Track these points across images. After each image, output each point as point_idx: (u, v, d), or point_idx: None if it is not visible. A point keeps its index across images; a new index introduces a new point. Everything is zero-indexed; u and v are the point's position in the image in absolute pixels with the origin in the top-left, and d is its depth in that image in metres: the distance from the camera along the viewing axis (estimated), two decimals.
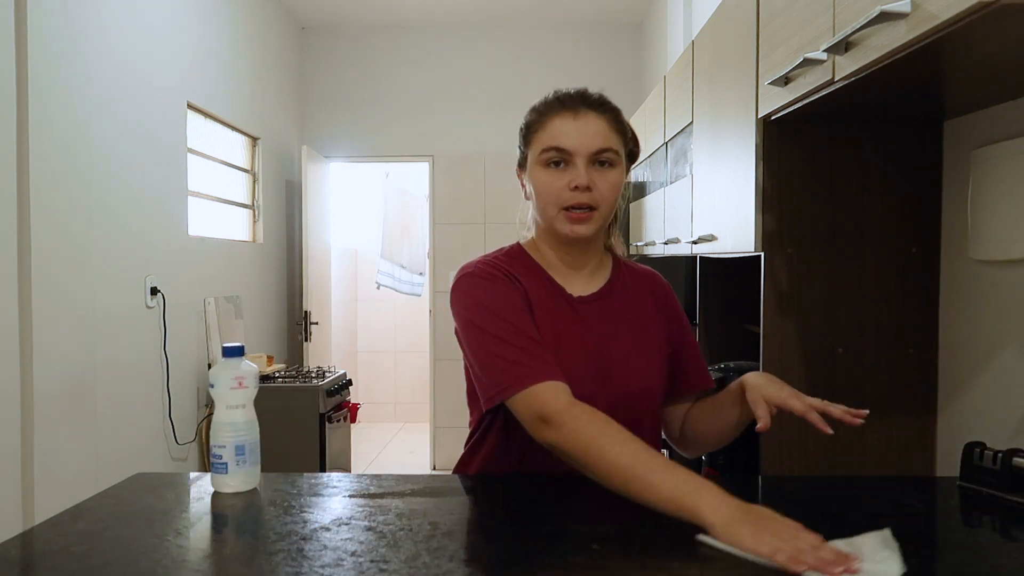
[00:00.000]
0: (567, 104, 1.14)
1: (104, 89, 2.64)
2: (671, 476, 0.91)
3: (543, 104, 1.18)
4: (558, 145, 1.13)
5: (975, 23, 0.82)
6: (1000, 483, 1.05)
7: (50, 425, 2.30)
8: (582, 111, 1.13)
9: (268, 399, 3.43)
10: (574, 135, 1.12)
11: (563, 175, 1.13)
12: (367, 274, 6.32)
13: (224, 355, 1.09)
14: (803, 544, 0.78)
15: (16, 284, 2.19)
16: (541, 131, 1.15)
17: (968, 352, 1.46)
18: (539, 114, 1.17)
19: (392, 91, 4.94)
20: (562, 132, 1.13)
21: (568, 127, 1.13)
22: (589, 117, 1.13)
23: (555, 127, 1.14)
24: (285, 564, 0.81)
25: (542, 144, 1.14)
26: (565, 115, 1.14)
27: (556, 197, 1.13)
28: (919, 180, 1.54)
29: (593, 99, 1.16)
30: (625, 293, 1.24)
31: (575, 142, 1.12)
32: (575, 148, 1.12)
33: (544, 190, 1.15)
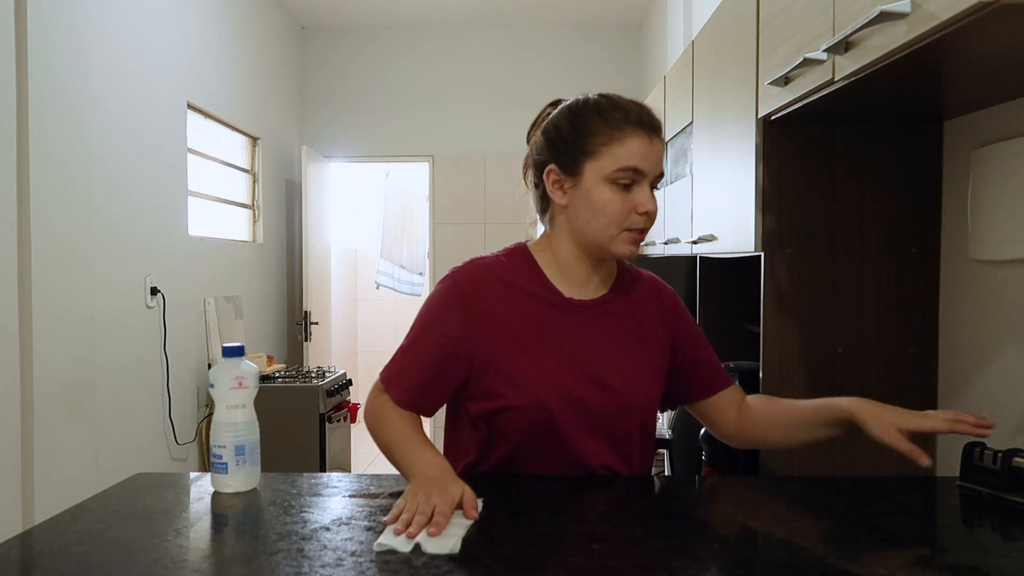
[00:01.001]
0: (645, 124, 1.11)
1: (104, 89, 2.64)
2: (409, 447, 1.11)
3: (612, 114, 1.11)
4: (637, 167, 1.09)
5: (975, 23, 0.82)
6: (1000, 483, 1.05)
7: (50, 425, 2.30)
8: (653, 136, 1.11)
9: (268, 399, 3.43)
10: (650, 159, 1.10)
11: (629, 196, 1.10)
12: (367, 274, 6.32)
13: (224, 355, 1.09)
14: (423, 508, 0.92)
15: (16, 284, 2.19)
16: (616, 146, 1.09)
17: (968, 352, 1.46)
18: (609, 125, 1.10)
19: (392, 91, 4.94)
20: (641, 154, 1.09)
21: (646, 149, 1.10)
22: (657, 142, 1.12)
23: (634, 147, 1.09)
24: (285, 564, 0.81)
25: (618, 161, 1.09)
26: (642, 136, 1.10)
27: (623, 219, 1.10)
28: (919, 180, 1.54)
29: (659, 124, 1.14)
30: (627, 299, 1.23)
31: (650, 166, 1.10)
32: (649, 172, 1.10)
33: (611, 209, 1.10)
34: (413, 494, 0.96)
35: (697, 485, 1.21)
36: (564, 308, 1.17)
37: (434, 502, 0.93)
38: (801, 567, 0.81)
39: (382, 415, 1.17)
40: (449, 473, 1.04)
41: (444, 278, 1.20)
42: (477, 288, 1.16)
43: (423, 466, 1.05)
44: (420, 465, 1.06)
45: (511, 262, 1.20)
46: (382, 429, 1.16)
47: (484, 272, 1.18)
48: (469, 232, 4.92)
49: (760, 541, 0.93)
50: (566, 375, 1.12)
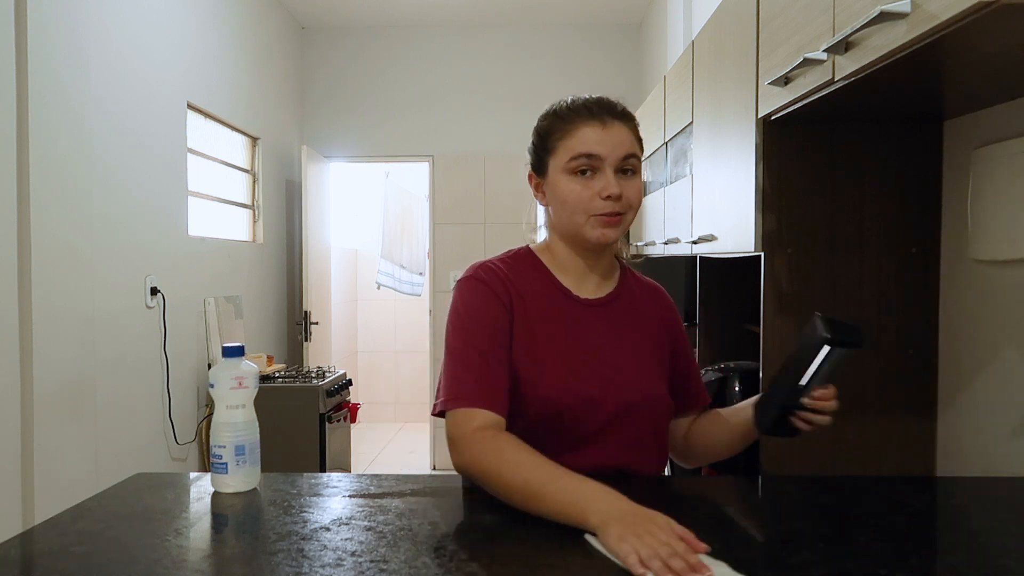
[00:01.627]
0: (595, 112, 1.14)
1: (104, 89, 2.64)
2: (560, 485, 0.93)
3: (565, 111, 1.17)
4: (588, 152, 1.12)
5: (975, 23, 0.82)
6: None
7: (50, 425, 2.30)
8: (608, 120, 1.14)
9: (268, 399, 3.43)
10: (604, 143, 1.12)
11: (591, 183, 1.13)
12: (367, 274, 6.32)
13: (224, 355, 1.09)
14: (662, 550, 0.79)
15: (16, 284, 2.19)
16: (567, 138, 1.14)
17: (968, 352, 1.46)
18: (562, 120, 1.16)
19: (392, 91, 4.94)
20: (591, 139, 1.12)
21: (597, 135, 1.13)
22: (616, 126, 1.14)
23: (584, 135, 1.13)
24: (285, 564, 0.81)
25: (570, 151, 1.13)
26: (593, 123, 1.13)
27: (586, 205, 1.13)
28: (919, 180, 1.54)
29: (617, 108, 1.16)
30: (632, 301, 1.25)
31: (605, 150, 1.12)
32: (605, 155, 1.12)
33: (573, 198, 1.14)
34: (635, 535, 0.81)
35: (696, 485, 1.22)
36: (571, 304, 1.19)
37: (663, 539, 0.81)
38: (801, 567, 0.81)
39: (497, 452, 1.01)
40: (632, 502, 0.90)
41: (463, 281, 1.17)
42: (498, 282, 1.17)
43: (603, 501, 0.89)
44: (598, 500, 0.89)
45: (516, 263, 1.22)
46: (510, 469, 0.98)
47: (495, 269, 1.19)
48: (469, 232, 4.92)
49: (760, 541, 0.93)
50: (576, 371, 1.14)
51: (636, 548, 0.80)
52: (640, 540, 0.81)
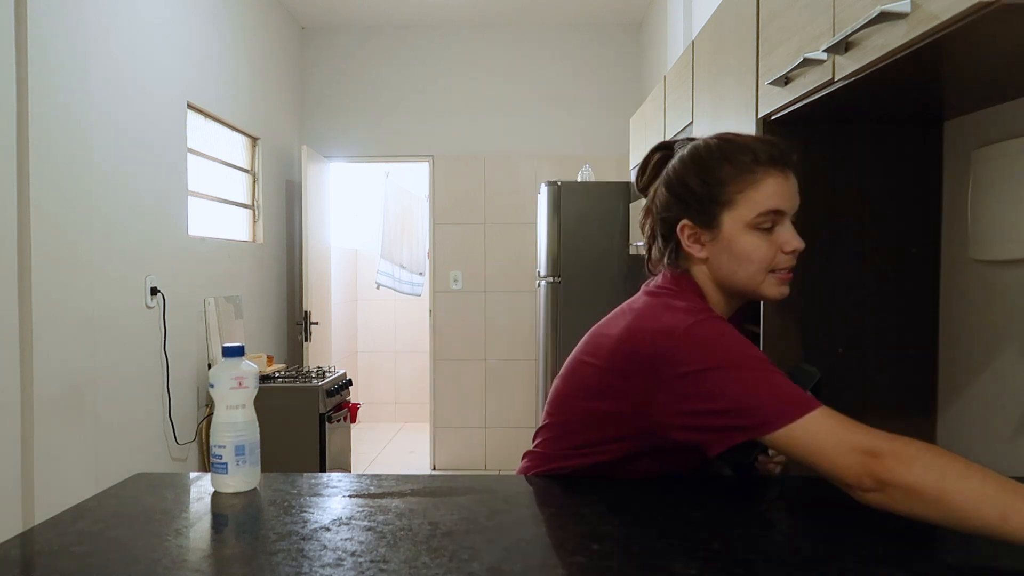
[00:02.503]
0: (777, 161, 1.06)
1: (104, 89, 2.64)
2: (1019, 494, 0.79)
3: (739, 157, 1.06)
4: (776, 207, 1.05)
5: (975, 23, 0.82)
6: None
7: (50, 425, 2.30)
8: (788, 170, 1.07)
9: (268, 399, 3.43)
10: (788, 196, 1.07)
11: (773, 238, 1.07)
12: (367, 274, 6.32)
13: (224, 355, 1.09)
14: None
15: (16, 284, 2.19)
16: (752, 192, 1.05)
17: (968, 352, 1.46)
18: (742, 170, 1.06)
19: (392, 91, 4.94)
20: (778, 194, 1.06)
21: (783, 188, 1.06)
22: (790, 175, 1.08)
23: (771, 188, 1.05)
24: (285, 564, 0.81)
25: (757, 208, 1.05)
26: (778, 175, 1.06)
27: (770, 262, 1.07)
28: (919, 180, 1.54)
29: (788, 155, 1.09)
30: None
31: (789, 204, 1.07)
32: (791, 210, 1.07)
33: (757, 255, 1.07)
34: None
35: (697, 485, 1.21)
36: None
37: None
38: (801, 567, 0.81)
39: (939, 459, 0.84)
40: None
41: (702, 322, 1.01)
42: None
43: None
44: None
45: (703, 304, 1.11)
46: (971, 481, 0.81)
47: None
48: (469, 232, 4.92)
49: (760, 541, 0.93)
50: None
51: None
52: None
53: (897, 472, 0.84)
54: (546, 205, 3.63)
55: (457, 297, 4.93)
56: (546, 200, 3.63)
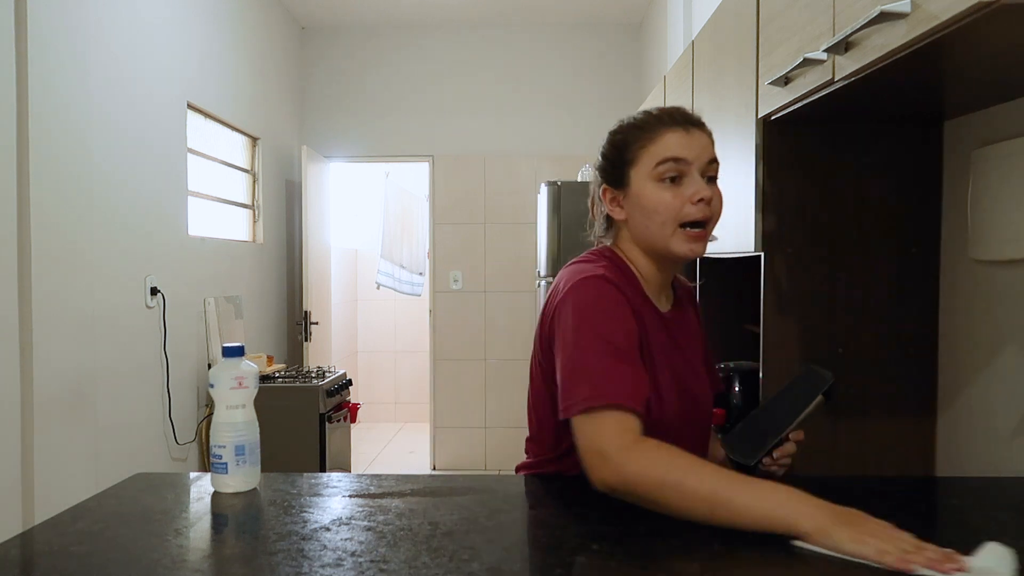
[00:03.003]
0: (677, 120, 1.12)
1: (104, 89, 2.64)
2: (756, 493, 0.89)
3: (644, 121, 1.14)
4: (676, 156, 1.09)
5: (975, 23, 0.82)
6: None
7: (50, 425, 2.30)
8: (691, 127, 1.12)
9: (268, 399, 3.43)
10: (691, 147, 1.10)
11: (680, 190, 1.10)
12: (367, 274, 6.32)
13: (224, 355, 1.09)
14: (905, 544, 0.80)
15: (16, 284, 2.19)
16: (651, 145, 1.11)
17: (968, 352, 1.46)
18: (642, 130, 1.13)
19: (392, 91, 4.94)
20: (678, 144, 1.10)
21: (683, 140, 1.11)
22: (697, 133, 1.13)
23: (669, 140, 1.11)
24: (285, 564, 0.81)
25: (656, 157, 1.10)
26: (677, 129, 1.11)
27: (676, 213, 1.09)
28: (919, 180, 1.54)
29: (697, 119, 1.15)
30: (685, 307, 1.27)
31: (692, 154, 1.10)
32: (693, 158, 1.10)
33: (662, 207, 1.10)
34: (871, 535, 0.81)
35: None
36: (658, 316, 1.17)
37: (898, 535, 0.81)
38: (801, 567, 0.81)
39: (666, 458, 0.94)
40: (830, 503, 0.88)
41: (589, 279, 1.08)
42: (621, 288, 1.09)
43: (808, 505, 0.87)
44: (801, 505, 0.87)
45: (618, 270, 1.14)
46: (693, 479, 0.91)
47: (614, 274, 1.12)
48: (469, 232, 4.92)
49: (760, 541, 0.93)
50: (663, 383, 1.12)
51: (883, 548, 0.79)
52: (878, 538, 0.81)
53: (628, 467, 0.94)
54: (546, 205, 3.64)
55: (457, 297, 4.93)
56: (546, 200, 3.63)
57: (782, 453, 1.12)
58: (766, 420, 1.15)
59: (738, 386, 1.99)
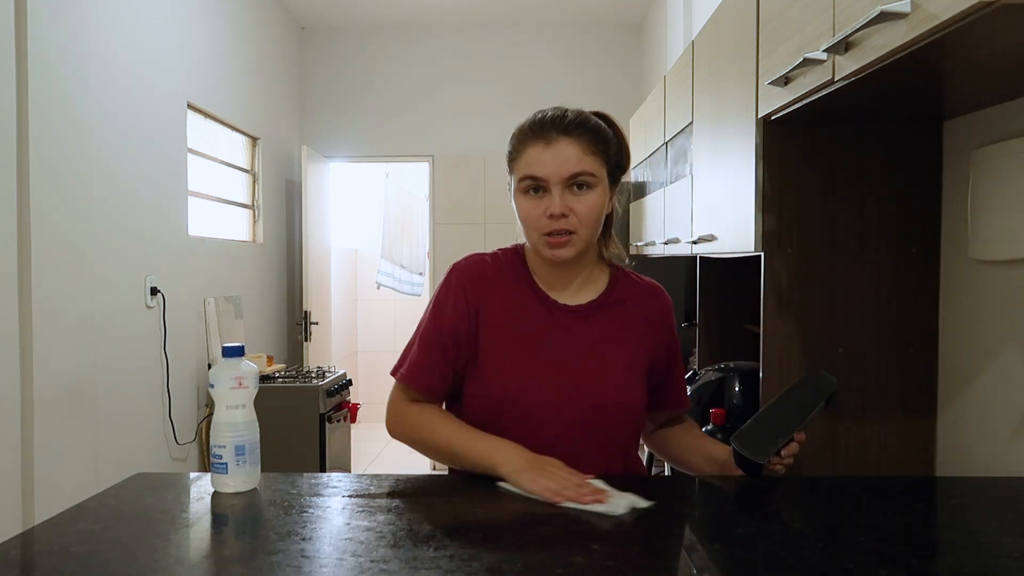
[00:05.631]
0: (539, 133, 1.16)
1: (104, 89, 2.64)
2: (478, 443, 1.14)
3: (520, 131, 1.21)
4: (532, 174, 1.16)
5: (975, 23, 0.82)
6: None
7: (50, 425, 2.30)
8: (554, 138, 1.15)
9: (268, 399, 3.43)
10: (547, 163, 1.14)
11: (540, 202, 1.16)
12: (367, 274, 6.32)
13: (224, 355, 1.09)
14: (568, 484, 1.02)
15: (16, 284, 2.19)
16: (519, 159, 1.18)
17: (968, 352, 1.46)
18: (517, 142, 1.20)
19: (392, 91, 4.94)
20: (536, 161, 1.15)
21: (541, 155, 1.15)
22: (562, 144, 1.14)
23: (530, 156, 1.16)
24: (285, 564, 0.81)
25: (520, 172, 1.18)
26: (538, 144, 1.16)
27: (536, 223, 1.17)
28: (919, 180, 1.54)
29: (567, 122, 1.16)
30: (619, 306, 1.25)
31: (548, 170, 1.14)
32: (548, 176, 1.14)
33: (524, 217, 1.19)
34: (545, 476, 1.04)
35: (697, 485, 1.21)
36: (546, 309, 1.22)
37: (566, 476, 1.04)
38: (801, 567, 0.81)
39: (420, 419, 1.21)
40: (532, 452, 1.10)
41: (450, 269, 1.26)
42: (475, 277, 1.24)
43: (509, 452, 1.10)
44: (503, 453, 1.10)
45: (506, 260, 1.27)
46: (429, 433, 1.19)
47: (481, 264, 1.26)
48: (469, 232, 4.92)
49: (760, 541, 0.93)
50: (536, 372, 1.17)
51: (548, 485, 1.02)
52: (550, 479, 1.03)
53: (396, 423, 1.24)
54: None
55: None
56: None
57: (788, 452, 1.15)
58: (774, 420, 1.16)
59: (738, 386, 1.99)
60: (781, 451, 1.13)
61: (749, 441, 1.13)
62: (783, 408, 1.17)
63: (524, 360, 1.18)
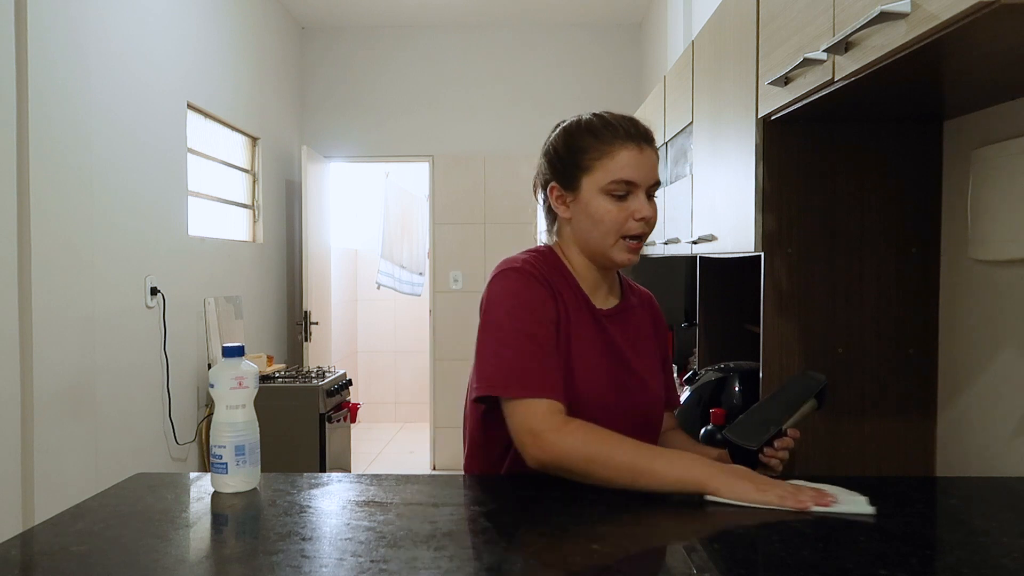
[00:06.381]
0: (633, 137, 1.17)
1: (104, 89, 2.64)
2: (669, 461, 1.03)
3: (602, 130, 1.18)
4: (627, 178, 1.16)
5: (975, 23, 0.82)
6: None
7: (50, 425, 2.30)
8: (644, 146, 1.18)
9: (268, 399, 3.43)
10: (641, 168, 1.17)
11: (625, 205, 1.17)
12: (367, 274, 6.32)
13: (224, 355, 1.09)
14: (793, 489, 0.98)
15: (16, 284, 2.19)
16: (607, 160, 1.16)
17: (968, 352, 1.46)
18: (599, 140, 1.18)
19: (392, 91, 4.94)
20: (630, 165, 1.16)
21: (637, 160, 1.16)
22: (648, 151, 1.18)
23: (624, 159, 1.16)
24: (285, 564, 0.81)
25: (611, 175, 1.16)
26: (632, 148, 1.17)
27: (619, 227, 1.17)
28: (919, 180, 1.54)
29: (650, 134, 1.20)
30: (634, 310, 1.31)
31: (641, 175, 1.17)
32: (641, 180, 1.17)
33: (608, 219, 1.17)
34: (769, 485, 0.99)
35: None
36: (591, 314, 1.23)
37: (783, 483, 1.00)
38: (801, 567, 0.81)
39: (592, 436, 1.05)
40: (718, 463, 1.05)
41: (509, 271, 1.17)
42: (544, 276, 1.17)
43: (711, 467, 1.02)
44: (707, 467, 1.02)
45: (549, 265, 1.22)
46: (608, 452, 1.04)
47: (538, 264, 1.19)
48: (469, 232, 4.92)
49: (760, 541, 0.93)
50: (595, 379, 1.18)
51: (781, 494, 0.97)
52: (777, 488, 0.98)
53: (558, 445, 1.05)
54: None
55: (457, 297, 4.93)
56: None
57: (781, 445, 1.17)
58: (764, 413, 1.21)
59: (738, 386, 1.99)
60: (774, 443, 1.17)
61: (740, 432, 1.19)
62: (773, 404, 1.22)
63: (592, 361, 1.18)
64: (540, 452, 1.05)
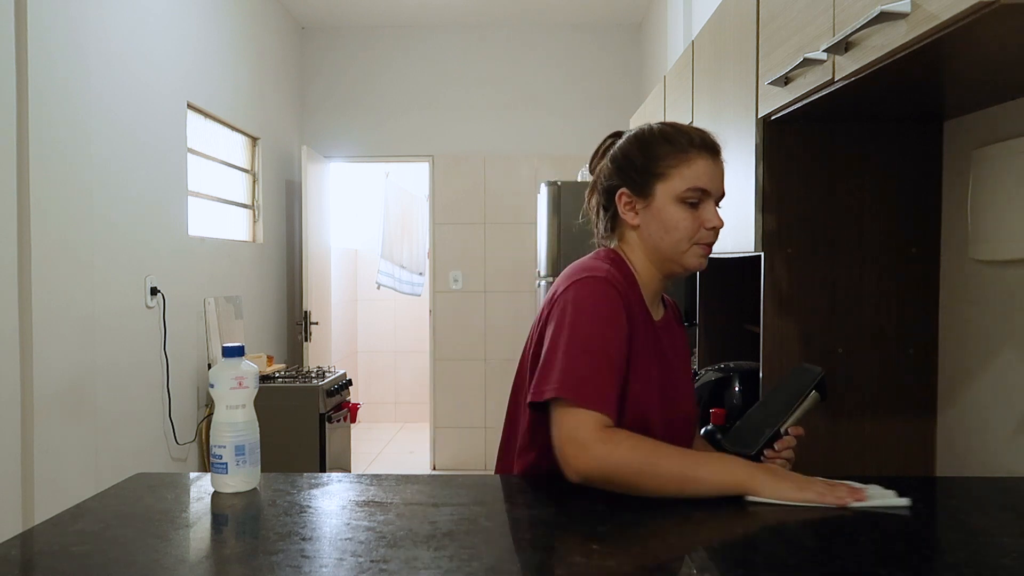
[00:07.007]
0: (710, 148, 1.19)
1: (104, 89, 2.63)
2: (712, 466, 1.04)
3: (677, 138, 1.19)
4: (704, 187, 1.17)
5: (975, 23, 0.82)
6: None
7: (50, 425, 2.30)
8: (717, 157, 1.20)
9: (268, 399, 3.43)
10: (716, 178, 1.19)
11: (697, 213, 1.18)
12: (367, 274, 6.32)
13: (224, 355, 1.09)
14: (830, 486, 1.00)
15: (16, 284, 2.19)
16: (684, 168, 1.17)
17: (968, 352, 1.46)
18: (675, 148, 1.18)
19: (392, 91, 4.94)
20: (706, 173, 1.18)
21: (712, 169, 1.18)
22: (720, 163, 1.21)
23: (700, 168, 1.17)
24: (285, 564, 0.81)
25: (687, 182, 1.17)
26: (707, 158, 1.18)
27: (693, 234, 1.18)
28: (919, 180, 1.54)
29: (719, 145, 1.22)
30: (673, 321, 1.33)
31: (715, 185, 1.19)
32: (715, 190, 1.19)
33: (682, 226, 1.18)
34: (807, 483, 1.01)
35: None
36: (652, 324, 1.23)
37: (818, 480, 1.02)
38: (801, 567, 0.81)
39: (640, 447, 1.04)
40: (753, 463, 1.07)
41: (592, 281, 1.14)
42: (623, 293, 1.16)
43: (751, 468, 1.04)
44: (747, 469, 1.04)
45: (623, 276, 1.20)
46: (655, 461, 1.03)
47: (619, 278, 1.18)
48: (469, 232, 4.92)
49: (760, 541, 0.93)
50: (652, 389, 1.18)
51: (821, 491, 1.00)
52: (815, 485, 1.01)
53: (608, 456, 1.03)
54: (546, 205, 3.64)
55: (457, 297, 4.93)
56: (546, 200, 3.63)
57: (783, 446, 1.17)
58: (762, 415, 1.21)
59: (738, 386, 1.99)
60: (775, 445, 1.17)
61: (735, 439, 1.19)
62: (769, 404, 1.22)
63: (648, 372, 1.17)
64: (584, 464, 1.03)
